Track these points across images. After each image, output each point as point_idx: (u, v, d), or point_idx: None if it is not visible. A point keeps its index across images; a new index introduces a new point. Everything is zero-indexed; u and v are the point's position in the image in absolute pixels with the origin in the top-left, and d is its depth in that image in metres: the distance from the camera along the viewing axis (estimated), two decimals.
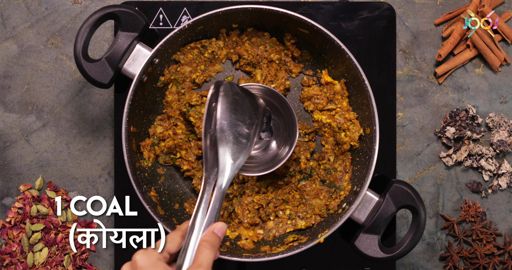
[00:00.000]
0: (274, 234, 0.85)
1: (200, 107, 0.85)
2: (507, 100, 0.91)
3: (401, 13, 0.91)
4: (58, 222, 0.88)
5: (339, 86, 0.86)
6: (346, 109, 0.86)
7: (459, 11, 0.90)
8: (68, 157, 0.90)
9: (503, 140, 0.89)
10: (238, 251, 0.82)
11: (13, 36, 0.90)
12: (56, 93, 0.90)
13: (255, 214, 0.85)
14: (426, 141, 0.91)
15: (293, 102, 0.88)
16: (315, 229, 0.84)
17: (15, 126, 0.90)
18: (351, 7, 0.88)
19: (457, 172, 0.91)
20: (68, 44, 0.90)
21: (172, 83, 0.86)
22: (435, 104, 0.91)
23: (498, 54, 0.89)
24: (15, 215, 0.88)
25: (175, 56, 0.86)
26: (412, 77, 0.91)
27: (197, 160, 0.87)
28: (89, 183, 0.90)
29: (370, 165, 0.78)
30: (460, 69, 0.91)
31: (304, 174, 0.87)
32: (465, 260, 0.89)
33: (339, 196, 0.85)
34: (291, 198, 0.86)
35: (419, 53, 0.91)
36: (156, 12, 0.88)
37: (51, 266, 0.88)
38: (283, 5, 0.88)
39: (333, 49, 0.81)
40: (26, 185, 0.89)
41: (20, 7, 0.90)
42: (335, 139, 0.86)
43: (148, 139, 0.85)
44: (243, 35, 0.87)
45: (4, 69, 0.90)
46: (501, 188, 0.90)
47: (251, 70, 0.87)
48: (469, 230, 0.89)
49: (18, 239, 0.88)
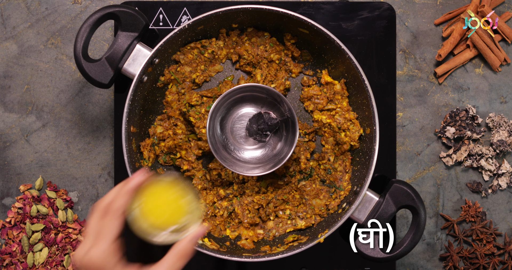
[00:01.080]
0: (274, 234, 0.85)
1: (200, 107, 0.85)
2: (507, 100, 0.91)
3: (401, 13, 0.91)
4: (58, 222, 0.88)
5: (339, 86, 0.86)
6: (346, 109, 0.86)
7: (459, 11, 0.90)
8: (68, 157, 0.90)
9: (503, 140, 0.89)
10: (238, 251, 0.82)
11: (13, 36, 0.90)
12: (56, 93, 0.90)
13: (255, 214, 0.85)
14: (426, 141, 0.91)
15: (293, 102, 0.88)
16: (315, 229, 0.84)
17: (15, 126, 0.90)
18: (351, 7, 0.88)
19: (457, 172, 0.91)
20: (68, 44, 0.90)
21: (172, 83, 0.86)
22: (435, 104, 0.91)
23: (498, 54, 0.89)
24: (15, 215, 0.88)
25: (175, 56, 0.86)
26: (412, 77, 0.91)
27: (197, 160, 0.87)
28: (89, 183, 0.90)
29: (370, 165, 0.78)
30: (460, 69, 0.91)
31: (304, 174, 0.87)
32: (465, 260, 0.89)
33: (339, 196, 0.85)
34: (291, 198, 0.86)
35: (419, 53, 0.91)
36: (156, 12, 0.88)
37: (51, 266, 0.88)
38: (283, 5, 0.88)
39: (333, 49, 0.81)
40: (26, 185, 0.89)
41: (20, 7, 0.90)
42: (335, 139, 0.86)
43: (148, 139, 0.85)
44: (243, 35, 0.87)
45: (4, 69, 0.90)
46: (501, 188, 0.90)
47: (251, 70, 0.87)
48: (469, 230, 0.89)
49: (18, 239, 0.88)
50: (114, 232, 0.62)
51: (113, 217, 0.63)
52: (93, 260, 0.60)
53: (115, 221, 0.63)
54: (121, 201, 0.64)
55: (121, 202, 0.64)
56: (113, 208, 0.63)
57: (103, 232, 0.62)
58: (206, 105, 0.85)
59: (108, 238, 0.61)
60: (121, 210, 0.63)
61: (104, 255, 0.60)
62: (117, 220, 0.63)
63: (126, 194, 0.64)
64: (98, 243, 0.61)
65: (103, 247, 0.61)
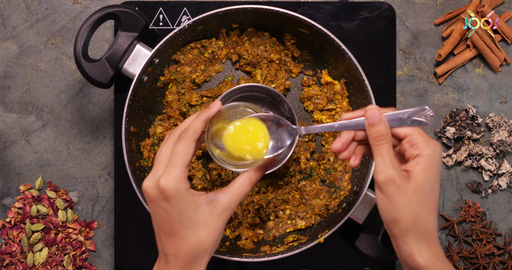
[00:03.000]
0: (274, 234, 0.85)
1: (200, 107, 0.85)
2: (507, 100, 0.91)
3: (401, 13, 0.91)
4: (58, 222, 0.88)
5: (339, 86, 0.86)
6: (346, 109, 0.86)
7: (459, 11, 0.90)
8: (68, 157, 0.90)
9: (503, 140, 0.89)
10: (238, 251, 0.82)
11: (13, 36, 0.90)
12: (56, 93, 0.90)
13: (255, 214, 0.85)
14: None
15: (293, 102, 0.88)
16: (315, 229, 0.84)
17: (15, 126, 0.90)
18: (351, 7, 0.88)
19: (457, 172, 0.91)
20: (68, 44, 0.90)
21: (172, 83, 0.86)
22: (435, 104, 0.91)
23: (498, 54, 0.89)
24: (15, 215, 0.88)
25: (175, 56, 0.86)
26: (412, 77, 0.91)
27: (197, 160, 0.87)
28: (89, 183, 0.90)
29: (370, 165, 0.78)
30: (460, 69, 0.91)
31: (304, 174, 0.87)
32: (465, 260, 0.89)
33: (339, 196, 0.85)
34: (291, 198, 0.86)
35: (419, 53, 0.91)
36: (156, 12, 0.88)
37: (51, 266, 0.88)
38: (283, 5, 0.88)
39: (333, 49, 0.81)
40: (26, 185, 0.89)
41: (20, 7, 0.90)
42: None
43: (148, 139, 0.85)
44: (243, 35, 0.87)
45: (4, 69, 0.90)
46: (501, 188, 0.90)
47: (251, 70, 0.87)
48: (469, 230, 0.89)
49: (18, 239, 0.88)
50: (186, 158, 0.60)
51: (187, 142, 0.61)
52: (166, 188, 0.58)
53: (189, 146, 0.60)
54: (197, 128, 0.61)
55: (197, 128, 0.61)
56: (188, 133, 0.61)
57: (175, 158, 0.60)
58: (206, 105, 0.85)
59: (180, 164, 0.60)
60: (196, 135, 0.61)
61: (177, 182, 0.59)
62: (191, 146, 0.61)
63: (200, 121, 0.62)
64: (170, 171, 0.59)
65: (175, 173, 0.59)
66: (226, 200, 0.61)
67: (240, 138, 0.65)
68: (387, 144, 0.59)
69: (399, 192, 0.58)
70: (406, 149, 0.60)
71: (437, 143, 0.59)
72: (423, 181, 0.58)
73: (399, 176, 0.58)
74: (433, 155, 0.58)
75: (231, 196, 0.62)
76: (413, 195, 0.58)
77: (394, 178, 0.58)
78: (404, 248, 0.59)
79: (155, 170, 0.61)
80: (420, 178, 0.58)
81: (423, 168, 0.58)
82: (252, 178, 0.64)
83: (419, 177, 0.58)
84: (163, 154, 0.62)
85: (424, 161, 0.58)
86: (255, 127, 0.65)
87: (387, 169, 0.58)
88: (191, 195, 0.60)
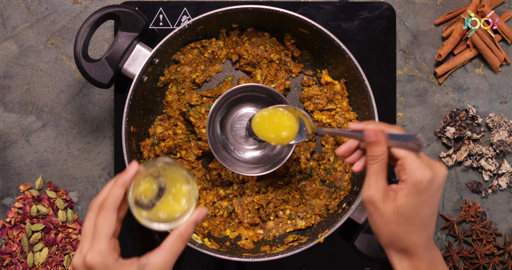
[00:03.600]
0: (274, 234, 0.85)
1: (200, 107, 0.85)
2: (507, 100, 0.91)
3: (401, 13, 0.91)
4: (58, 222, 0.88)
5: (339, 86, 0.86)
6: (346, 109, 0.86)
7: (459, 11, 0.90)
8: (68, 157, 0.90)
9: (503, 140, 0.89)
10: (238, 251, 0.82)
11: (13, 36, 0.90)
12: (56, 93, 0.90)
13: (255, 214, 0.85)
14: (426, 141, 0.91)
15: (293, 102, 0.88)
16: (315, 229, 0.84)
17: (15, 126, 0.90)
18: (351, 7, 0.88)
19: (457, 172, 0.91)
20: (68, 44, 0.90)
21: (172, 83, 0.86)
22: (435, 104, 0.91)
23: (498, 54, 0.89)
24: (15, 215, 0.88)
25: (175, 56, 0.86)
26: (412, 77, 0.91)
27: (197, 160, 0.87)
28: (89, 183, 0.90)
29: None
30: (460, 69, 0.91)
31: (304, 174, 0.87)
32: (465, 260, 0.89)
33: (339, 196, 0.85)
34: (291, 198, 0.86)
35: (419, 53, 0.91)
36: (156, 12, 0.88)
37: (51, 266, 0.88)
38: (283, 5, 0.88)
39: (333, 49, 0.81)
40: (26, 185, 0.89)
41: (20, 7, 0.90)
42: (335, 139, 0.86)
43: (148, 139, 0.85)
44: (243, 35, 0.87)
45: (4, 69, 0.90)
46: (501, 188, 0.90)
47: (251, 70, 0.87)
48: (469, 230, 0.89)
49: (18, 239, 0.88)
50: (109, 229, 0.59)
51: (107, 213, 0.59)
52: (93, 264, 0.58)
53: (110, 217, 0.59)
54: (114, 196, 0.60)
55: (114, 197, 0.60)
56: (106, 204, 0.60)
57: (98, 232, 0.59)
58: (206, 105, 0.85)
59: (103, 237, 0.59)
60: (114, 205, 0.60)
61: (103, 256, 0.58)
62: (112, 216, 0.59)
63: (119, 188, 0.61)
64: (94, 245, 0.59)
65: (100, 247, 0.58)
66: (159, 263, 0.60)
67: (267, 126, 0.74)
68: (377, 164, 0.61)
69: (377, 212, 0.60)
70: (399, 170, 0.61)
71: (432, 170, 0.59)
72: (403, 206, 0.59)
73: (380, 197, 0.60)
74: (419, 183, 0.59)
75: (164, 257, 0.60)
76: (391, 217, 0.60)
77: (373, 199, 0.60)
78: (388, 256, 0.63)
79: (81, 246, 0.60)
80: (400, 203, 0.59)
81: (405, 194, 0.59)
82: (183, 235, 0.61)
83: (399, 202, 0.59)
84: (86, 228, 0.61)
85: (407, 188, 0.59)
86: (285, 118, 0.74)
87: (369, 189, 0.61)
88: (120, 266, 0.59)
